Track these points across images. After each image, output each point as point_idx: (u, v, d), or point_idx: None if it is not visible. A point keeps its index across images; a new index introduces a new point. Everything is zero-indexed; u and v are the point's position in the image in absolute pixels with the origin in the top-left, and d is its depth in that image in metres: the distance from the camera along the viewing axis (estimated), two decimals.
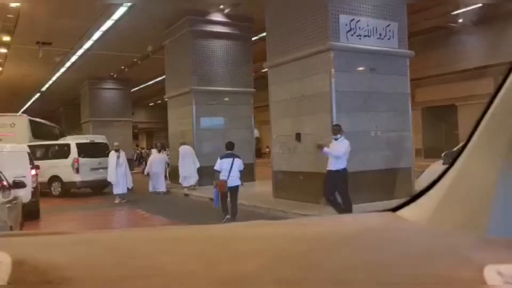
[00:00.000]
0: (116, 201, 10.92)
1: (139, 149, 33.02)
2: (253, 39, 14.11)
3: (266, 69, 10.12)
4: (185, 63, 13.16)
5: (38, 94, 27.52)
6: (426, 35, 18.48)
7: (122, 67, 20.64)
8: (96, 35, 14.53)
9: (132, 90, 26.30)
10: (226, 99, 13.48)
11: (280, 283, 0.48)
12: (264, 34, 10.44)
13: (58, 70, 20.26)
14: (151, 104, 36.29)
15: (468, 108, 20.82)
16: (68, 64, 18.85)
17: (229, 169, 6.98)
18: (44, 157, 12.77)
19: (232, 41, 13.46)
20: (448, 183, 0.76)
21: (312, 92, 8.40)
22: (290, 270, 0.50)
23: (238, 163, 7.13)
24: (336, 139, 6.95)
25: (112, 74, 22.31)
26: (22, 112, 31.26)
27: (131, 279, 0.46)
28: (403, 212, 0.80)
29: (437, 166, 6.00)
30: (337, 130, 6.96)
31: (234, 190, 7.14)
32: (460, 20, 18.28)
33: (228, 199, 7.24)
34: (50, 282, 0.43)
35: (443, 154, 6.03)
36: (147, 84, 25.11)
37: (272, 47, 9.47)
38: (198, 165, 12.02)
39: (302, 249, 0.56)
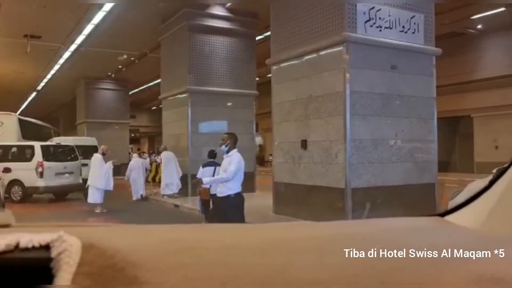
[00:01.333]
0: (97, 211, 9.68)
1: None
2: (257, 38, 12.98)
3: (271, 75, 8.92)
4: (181, 60, 12.01)
5: (34, 94, 26.55)
6: (441, 41, 17.33)
7: (119, 67, 19.61)
8: (88, 28, 13.44)
9: (131, 92, 25.35)
10: (226, 102, 12.29)
11: (335, 276, 0.49)
12: (269, 33, 9.25)
13: (52, 68, 19.21)
14: (153, 108, 35.35)
15: (485, 120, 19.65)
16: (61, 61, 17.79)
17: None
18: (4, 159, 11.60)
19: (234, 38, 12.30)
20: (500, 190, 0.75)
21: (322, 92, 7.17)
22: (342, 265, 0.51)
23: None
24: (226, 152, 5.02)
25: (109, 74, 21.30)
26: (20, 113, 30.49)
27: (189, 266, 0.47)
28: (452, 218, 0.80)
29: (481, 184, 4.73)
30: (225, 140, 5.01)
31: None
32: (479, 26, 17.18)
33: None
34: (116, 265, 0.46)
35: (495, 170, 4.81)
36: (147, 86, 24.05)
37: (277, 41, 8.26)
38: (180, 174, 11.16)
39: (351, 248, 0.55)
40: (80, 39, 14.63)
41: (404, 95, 7.27)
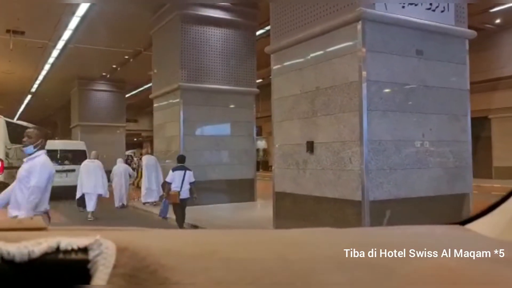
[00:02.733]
0: (91, 218, 9.13)
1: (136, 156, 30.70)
2: (258, 33, 11.77)
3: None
4: (172, 55, 10.80)
5: (29, 96, 25.58)
6: None
7: (114, 66, 18.49)
8: (74, 21, 12.30)
9: (130, 94, 24.31)
10: (223, 100, 11.02)
11: (355, 280, 0.49)
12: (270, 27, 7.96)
13: (42, 67, 18.13)
14: None
15: (504, 121, 18.36)
16: (51, 60, 16.68)
17: (181, 182, 7.15)
18: None
19: (231, 30, 11.08)
20: None
21: (332, 83, 5.89)
22: (363, 272, 0.51)
23: (189, 176, 7.30)
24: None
25: (104, 74, 20.18)
26: (18, 117, 29.61)
27: (216, 269, 0.49)
28: (472, 226, 0.80)
29: None
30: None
31: (185, 202, 7.35)
32: (498, 21, 15.91)
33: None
34: (148, 267, 0.48)
35: None
36: (145, 87, 22.94)
37: (278, 24, 6.99)
38: (161, 180, 10.29)
39: (372, 255, 0.56)
40: (67, 34, 13.50)
41: (431, 86, 5.97)
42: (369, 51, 5.47)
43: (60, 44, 14.64)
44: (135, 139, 39.26)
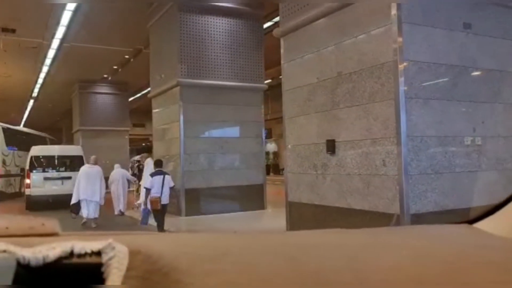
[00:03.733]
0: (94, 225, 8.69)
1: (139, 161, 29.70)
2: (265, 26, 10.70)
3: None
4: (171, 48, 9.76)
5: (32, 102, 24.87)
6: None
7: (115, 67, 17.56)
8: (66, 16, 11.36)
9: (135, 97, 23.40)
10: (228, 98, 9.92)
11: (362, 280, 0.50)
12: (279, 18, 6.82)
13: (40, 69, 17.27)
14: None
15: None
16: (48, 61, 15.79)
17: (161, 187, 6.98)
18: None
19: (235, 19, 10.00)
20: None
21: (358, 66, 4.74)
22: (372, 272, 0.52)
23: (168, 180, 7.15)
24: None
25: (105, 76, 19.28)
26: (23, 124, 28.98)
27: (227, 271, 0.50)
28: (480, 225, 0.79)
29: None
30: None
31: (165, 207, 7.21)
32: None
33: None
34: (160, 270, 0.48)
35: None
36: (150, 89, 21.97)
37: (289, 1, 5.85)
38: None
39: (380, 254, 0.57)
40: (60, 31, 12.57)
41: (483, 67, 4.78)
42: (406, 24, 4.31)
43: (55, 43, 13.73)
44: (143, 144, 38.64)
